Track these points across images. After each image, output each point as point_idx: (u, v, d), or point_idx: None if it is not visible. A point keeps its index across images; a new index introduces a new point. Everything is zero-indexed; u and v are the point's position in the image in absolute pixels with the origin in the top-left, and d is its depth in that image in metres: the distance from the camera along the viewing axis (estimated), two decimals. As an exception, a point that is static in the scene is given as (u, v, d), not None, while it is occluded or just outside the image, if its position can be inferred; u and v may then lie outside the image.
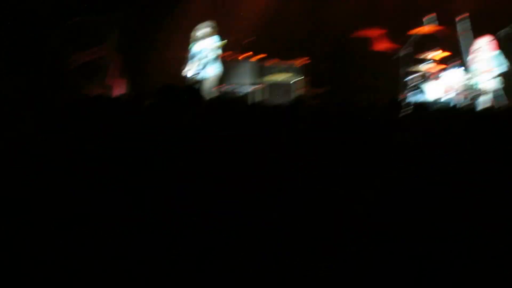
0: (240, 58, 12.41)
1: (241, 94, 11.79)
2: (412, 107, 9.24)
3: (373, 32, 12.20)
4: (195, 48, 11.37)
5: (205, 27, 11.35)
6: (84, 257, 3.43)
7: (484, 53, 11.15)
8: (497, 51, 11.09)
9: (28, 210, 3.62)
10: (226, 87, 12.01)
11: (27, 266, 3.37)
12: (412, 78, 11.41)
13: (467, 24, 10.98)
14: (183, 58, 11.47)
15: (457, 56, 11.29)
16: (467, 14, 10.98)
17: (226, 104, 5.90)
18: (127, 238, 3.50)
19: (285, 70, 12.28)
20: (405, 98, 11.15)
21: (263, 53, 12.43)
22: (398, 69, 11.57)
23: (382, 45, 12.16)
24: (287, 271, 3.40)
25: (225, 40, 11.26)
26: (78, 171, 3.85)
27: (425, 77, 11.36)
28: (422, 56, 11.42)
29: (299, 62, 12.31)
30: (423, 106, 10.39)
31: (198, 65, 11.27)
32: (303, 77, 12.26)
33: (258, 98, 12.07)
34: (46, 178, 3.84)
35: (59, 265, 3.41)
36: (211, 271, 3.42)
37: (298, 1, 13.45)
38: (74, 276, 3.36)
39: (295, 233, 3.57)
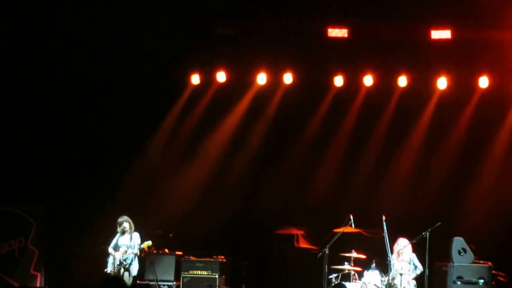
0: (161, 252, 12.39)
1: (163, 288, 11.73)
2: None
3: (296, 230, 12.31)
4: (117, 241, 11.23)
5: (125, 221, 11.23)
6: None
7: (403, 255, 11.29)
8: (413, 254, 11.25)
9: None
10: (148, 282, 11.93)
11: None
12: (334, 277, 11.39)
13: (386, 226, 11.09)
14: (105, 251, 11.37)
15: (376, 257, 11.36)
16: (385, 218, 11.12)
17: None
18: None
19: (206, 266, 12.26)
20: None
21: (184, 248, 12.44)
22: (320, 267, 11.53)
23: (305, 243, 12.24)
24: None
25: (150, 242, 11.19)
26: None
27: (347, 276, 11.36)
28: (343, 255, 11.45)
29: (220, 258, 12.32)
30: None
31: (120, 259, 11.11)
32: (223, 273, 12.32)
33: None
34: None
35: None
36: None
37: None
38: None
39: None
